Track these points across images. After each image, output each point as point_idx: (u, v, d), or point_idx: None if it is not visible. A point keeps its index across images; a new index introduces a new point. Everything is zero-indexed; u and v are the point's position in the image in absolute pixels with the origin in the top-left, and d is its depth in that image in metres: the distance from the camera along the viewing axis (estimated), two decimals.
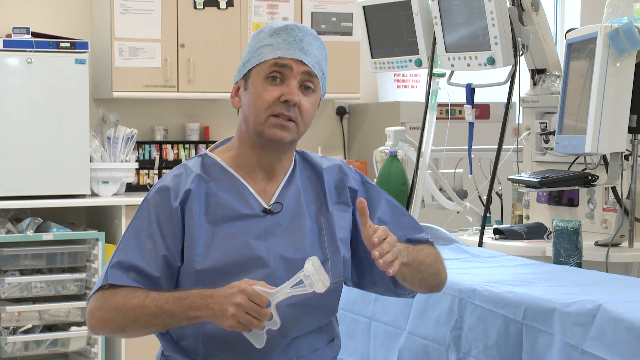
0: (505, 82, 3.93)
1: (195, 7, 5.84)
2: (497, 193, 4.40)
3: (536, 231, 3.86)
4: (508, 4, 3.90)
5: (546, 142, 4.07)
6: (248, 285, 2.13)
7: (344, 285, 2.44)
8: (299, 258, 2.29)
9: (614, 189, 3.65)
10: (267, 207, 2.35)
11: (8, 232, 5.29)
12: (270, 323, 2.13)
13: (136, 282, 2.25)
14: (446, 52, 4.08)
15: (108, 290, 2.26)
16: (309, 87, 2.33)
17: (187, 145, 6.07)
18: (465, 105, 4.14)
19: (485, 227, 3.92)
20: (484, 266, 3.09)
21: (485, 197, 4.06)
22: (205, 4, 5.85)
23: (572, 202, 3.97)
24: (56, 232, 5.35)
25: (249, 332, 2.14)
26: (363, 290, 2.55)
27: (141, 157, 5.93)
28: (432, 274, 2.42)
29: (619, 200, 3.63)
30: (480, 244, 3.81)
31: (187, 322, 2.20)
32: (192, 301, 2.17)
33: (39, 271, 5.38)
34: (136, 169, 5.77)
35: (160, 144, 6.01)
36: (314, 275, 2.10)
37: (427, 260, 2.40)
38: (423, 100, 4.42)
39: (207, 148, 6.21)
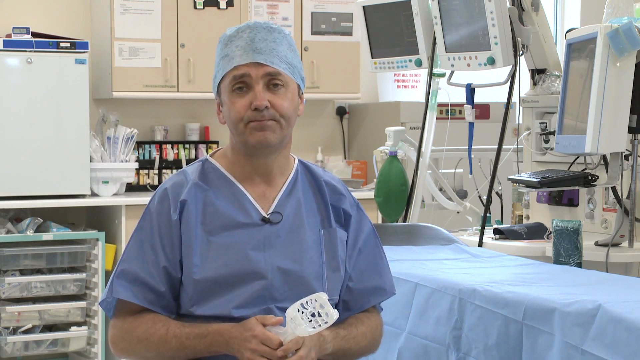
0: (505, 82, 3.94)
1: (195, 7, 5.84)
2: (497, 193, 4.40)
3: (536, 231, 3.86)
4: (508, 4, 3.90)
5: (546, 142, 4.07)
6: (261, 329, 2.18)
7: None
8: (297, 270, 2.31)
9: (614, 189, 3.65)
10: (266, 216, 2.33)
11: (8, 232, 5.29)
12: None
13: (141, 296, 2.27)
14: (446, 52, 4.09)
15: (127, 320, 2.29)
16: (277, 84, 2.30)
17: (187, 145, 6.06)
18: (465, 105, 4.14)
19: (485, 227, 3.93)
20: (484, 266, 3.09)
21: (485, 197, 4.07)
22: (205, 4, 5.85)
23: (572, 202, 3.97)
24: (56, 232, 5.34)
25: None
26: None
27: (141, 157, 5.93)
28: (359, 356, 2.41)
29: (619, 200, 3.63)
30: (480, 244, 3.82)
31: (209, 355, 2.26)
32: (213, 339, 2.23)
33: (39, 271, 5.38)
34: (136, 169, 5.77)
35: (160, 144, 6.00)
36: (296, 319, 2.16)
37: (354, 348, 2.37)
38: (423, 100, 4.42)
39: (207, 148, 6.24)
